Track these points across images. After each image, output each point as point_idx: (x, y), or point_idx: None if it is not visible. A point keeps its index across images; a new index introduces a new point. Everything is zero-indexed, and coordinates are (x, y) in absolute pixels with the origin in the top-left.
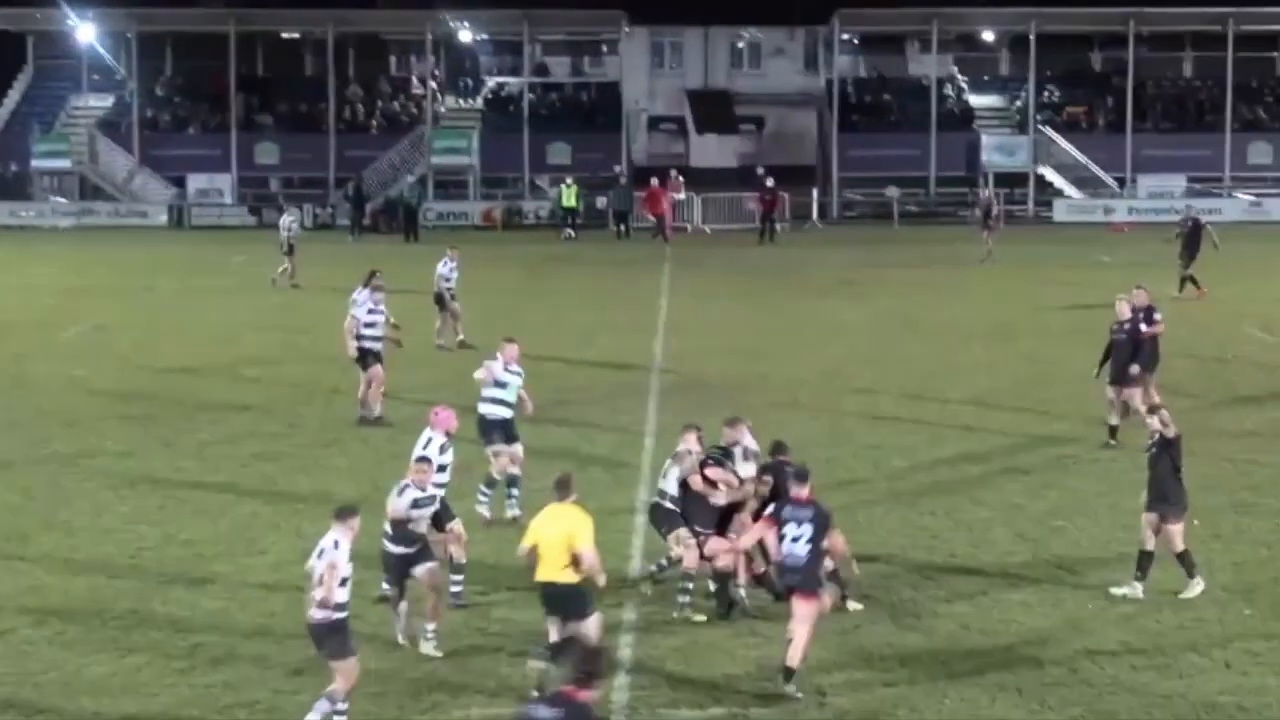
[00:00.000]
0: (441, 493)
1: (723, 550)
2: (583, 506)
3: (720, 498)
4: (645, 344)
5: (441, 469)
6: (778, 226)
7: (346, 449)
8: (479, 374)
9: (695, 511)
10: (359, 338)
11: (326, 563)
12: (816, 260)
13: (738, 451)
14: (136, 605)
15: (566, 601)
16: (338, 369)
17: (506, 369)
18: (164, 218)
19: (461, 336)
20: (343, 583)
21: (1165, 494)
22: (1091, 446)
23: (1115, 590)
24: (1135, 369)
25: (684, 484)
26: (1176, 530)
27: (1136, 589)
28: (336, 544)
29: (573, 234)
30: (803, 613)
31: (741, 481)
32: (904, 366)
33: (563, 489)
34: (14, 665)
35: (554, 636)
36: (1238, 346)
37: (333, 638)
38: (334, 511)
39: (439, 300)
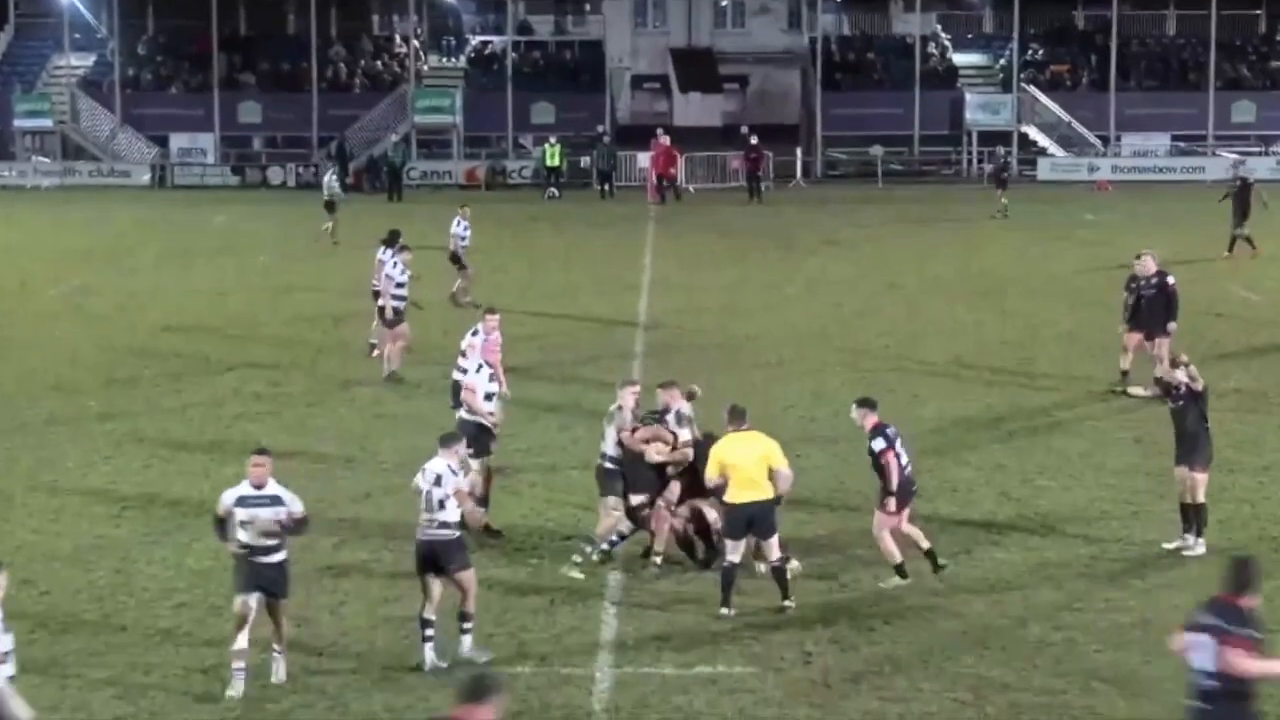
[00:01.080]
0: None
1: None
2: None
3: (655, 456)
4: (630, 303)
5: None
6: (764, 185)
7: (331, 409)
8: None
9: (636, 472)
10: (393, 297)
11: (450, 489)
12: (800, 219)
13: (670, 417)
14: (121, 566)
15: (766, 517)
16: (320, 330)
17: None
18: (146, 177)
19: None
20: (461, 502)
21: (1195, 445)
22: (1076, 406)
23: (1167, 545)
24: (1173, 325)
25: (622, 443)
26: (1202, 480)
27: (1189, 541)
28: (454, 470)
29: (556, 193)
30: None
31: (676, 443)
32: (888, 326)
33: (739, 418)
34: None
35: (735, 558)
36: (1223, 305)
37: (457, 553)
38: (439, 439)
39: (455, 259)
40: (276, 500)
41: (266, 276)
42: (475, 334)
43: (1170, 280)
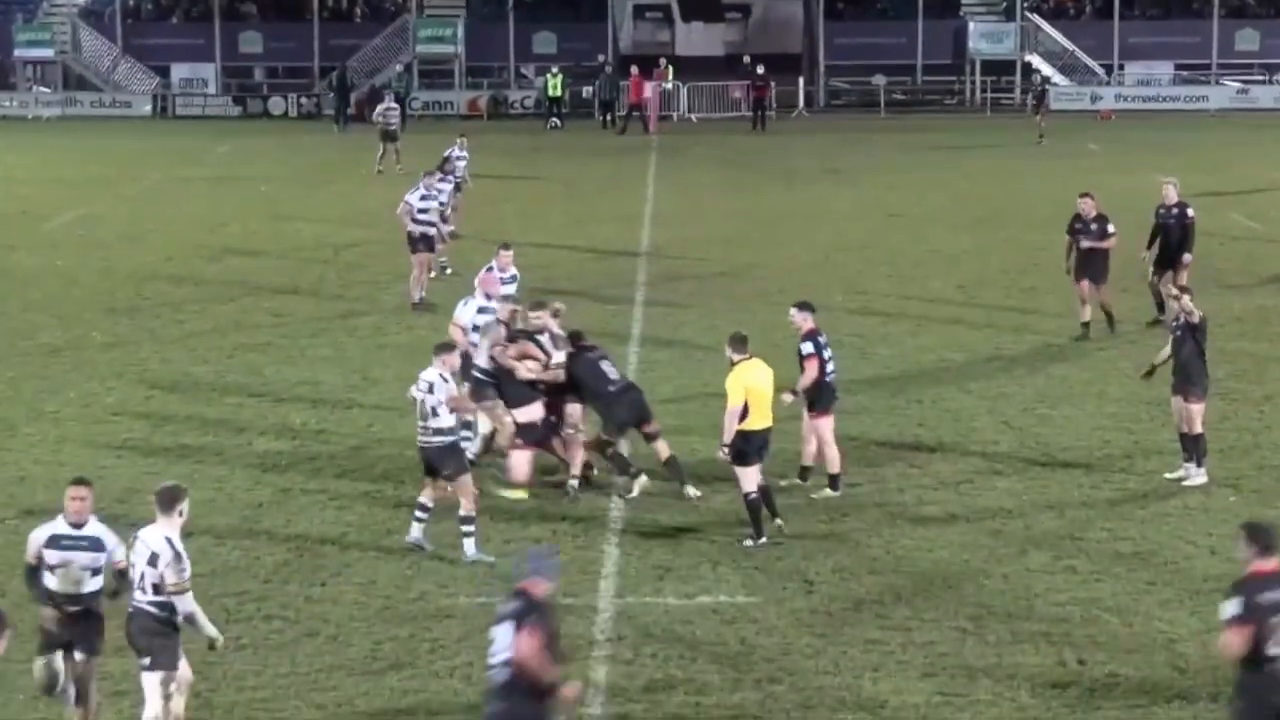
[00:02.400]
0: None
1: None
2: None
3: (525, 373)
4: (633, 233)
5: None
6: (767, 115)
7: (333, 339)
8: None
9: (509, 389)
10: (414, 222)
11: (443, 395)
12: (803, 149)
13: (544, 338)
14: (124, 496)
15: (770, 443)
16: (322, 259)
17: (500, 280)
18: (148, 108)
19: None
20: (454, 409)
21: (1189, 375)
22: (1078, 334)
23: (1169, 475)
24: (1188, 256)
25: (494, 358)
26: (1197, 410)
27: (1190, 471)
28: (445, 378)
29: (559, 123)
30: None
31: (549, 364)
32: (890, 255)
33: (744, 345)
34: (1, 557)
35: (754, 485)
36: (1226, 235)
37: (452, 458)
38: (434, 347)
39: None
40: (97, 544)
41: (268, 206)
42: (489, 269)
43: (1190, 212)
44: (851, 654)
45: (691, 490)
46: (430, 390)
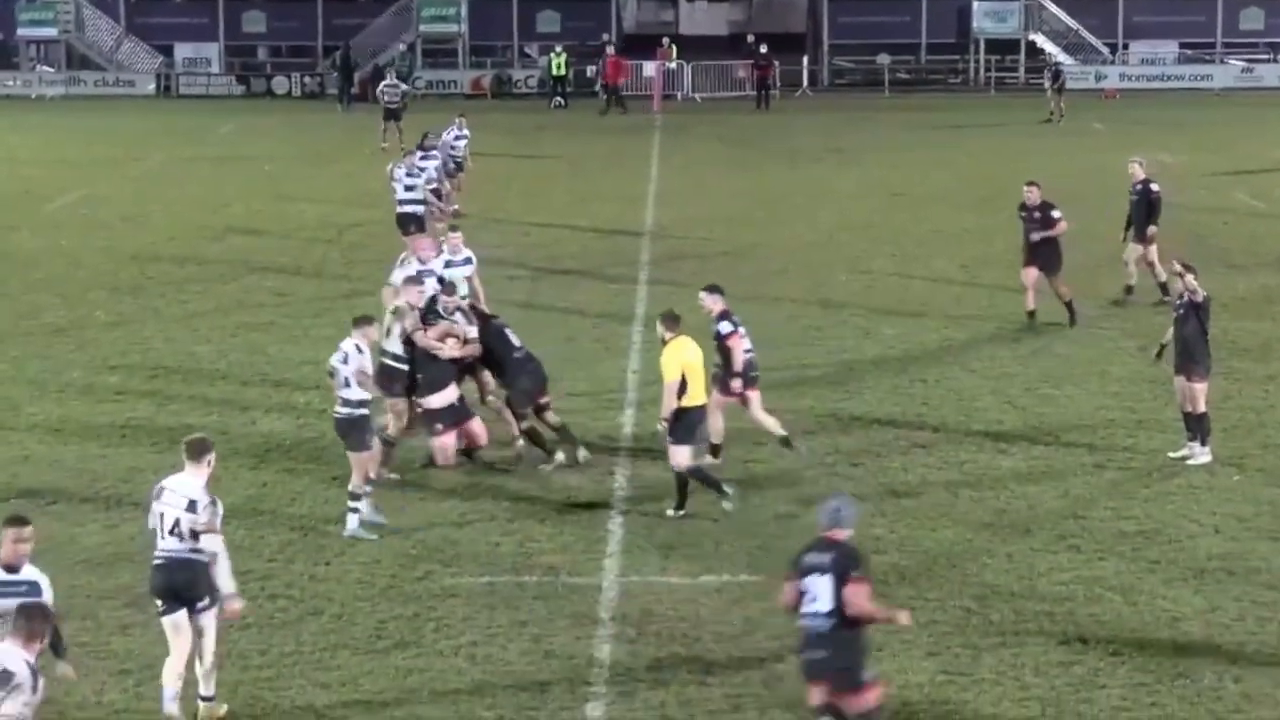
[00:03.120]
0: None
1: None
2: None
3: (449, 352)
4: (636, 212)
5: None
6: (772, 94)
7: (336, 318)
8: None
9: (429, 370)
10: (399, 202)
11: (354, 367)
12: (807, 129)
13: (459, 317)
14: (127, 476)
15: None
16: (325, 239)
17: (449, 264)
18: (151, 87)
19: (456, 205)
20: (360, 383)
21: (1192, 354)
22: (1081, 313)
23: (1172, 454)
24: (1153, 229)
25: (409, 341)
26: (1200, 390)
27: (1194, 450)
28: (359, 349)
29: (562, 102)
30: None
31: (468, 339)
32: (893, 234)
33: (678, 322)
34: None
35: (692, 459)
36: (1229, 214)
37: (354, 432)
38: (353, 319)
39: (457, 167)
40: (34, 588)
41: (272, 186)
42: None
43: (1154, 188)
44: None
45: (583, 452)
46: (345, 361)
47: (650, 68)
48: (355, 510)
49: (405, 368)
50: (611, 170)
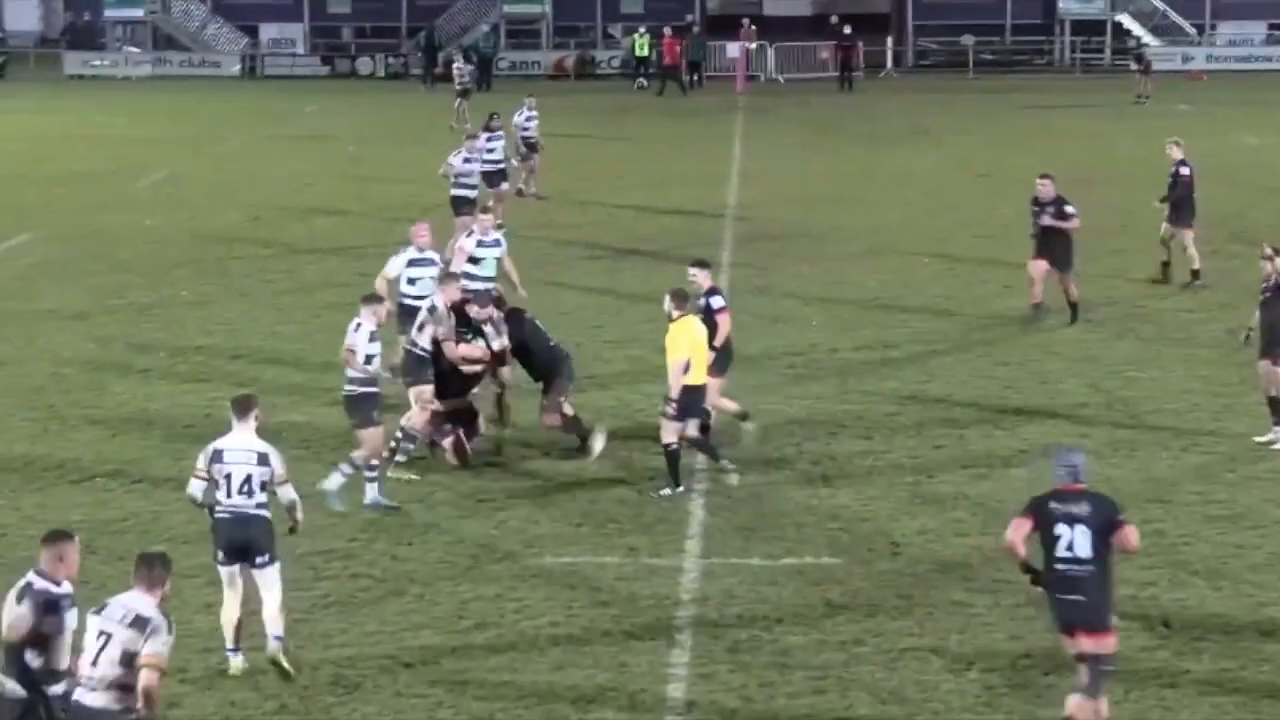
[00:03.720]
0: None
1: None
2: None
3: (466, 368)
4: (718, 193)
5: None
6: (855, 75)
7: None
8: (447, 254)
9: (447, 379)
10: (455, 186)
11: (348, 342)
12: (891, 109)
13: (489, 329)
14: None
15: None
16: (408, 218)
17: (480, 244)
18: (236, 68)
19: (535, 189)
20: (368, 360)
21: (1277, 338)
22: (1166, 296)
23: (1258, 439)
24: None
25: (436, 342)
26: None
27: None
28: (358, 326)
29: (645, 83)
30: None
31: (493, 355)
32: (978, 216)
33: (685, 300)
34: (92, 513)
35: (694, 432)
36: None
37: (361, 408)
38: (362, 297)
39: (530, 148)
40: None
41: (354, 166)
42: (470, 235)
43: (1184, 170)
44: (937, 616)
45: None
46: (356, 329)
47: (733, 49)
48: (372, 479)
49: (431, 359)
50: (694, 152)
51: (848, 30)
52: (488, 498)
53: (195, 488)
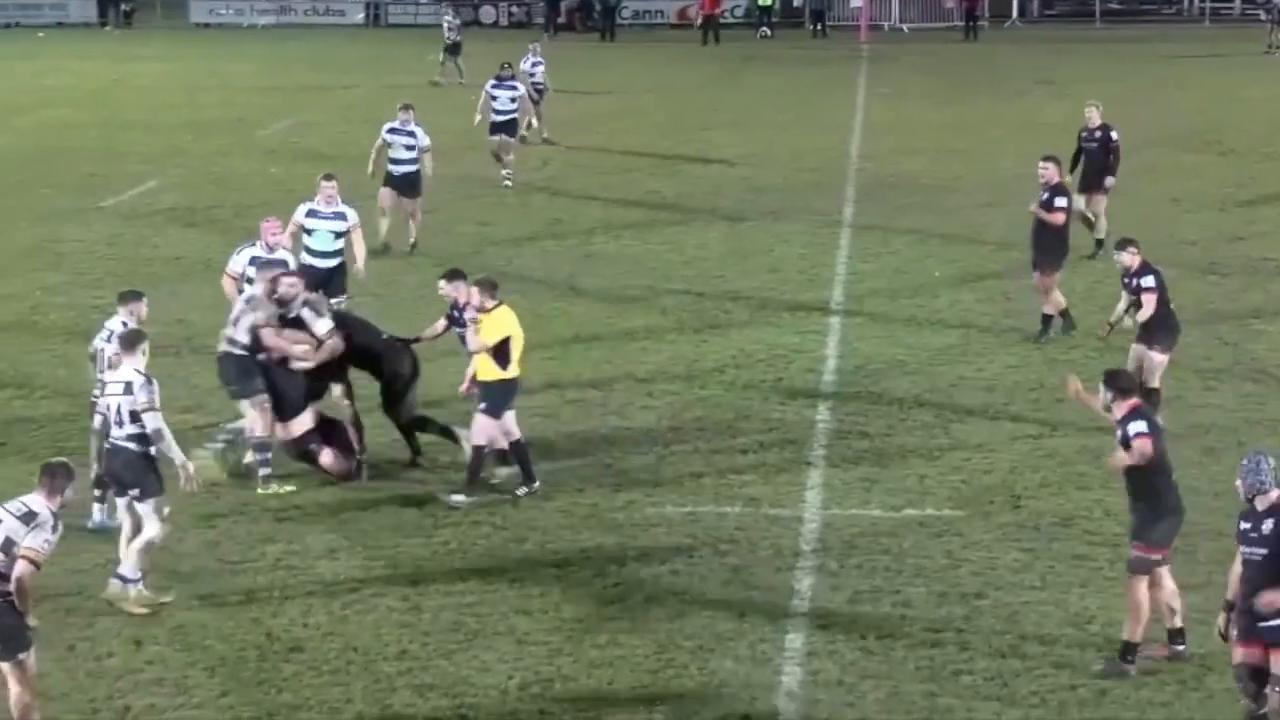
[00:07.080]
0: None
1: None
2: None
3: (301, 363)
4: (841, 143)
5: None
6: (981, 24)
7: (540, 246)
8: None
9: (282, 395)
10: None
11: (99, 346)
12: (1015, 60)
13: (305, 312)
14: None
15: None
16: (533, 169)
17: (312, 213)
18: (360, 16)
19: (545, 134)
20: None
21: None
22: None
23: None
24: (1110, 180)
25: (258, 336)
26: None
27: None
28: (124, 324)
29: (769, 32)
30: None
31: (321, 341)
32: None
33: (495, 290)
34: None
35: (504, 444)
36: None
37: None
38: (119, 295)
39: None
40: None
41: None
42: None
43: (1114, 135)
44: (1058, 569)
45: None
46: (109, 340)
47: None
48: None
49: (252, 358)
50: (817, 101)
51: None
52: (609, 446)
53: (96, 421)
